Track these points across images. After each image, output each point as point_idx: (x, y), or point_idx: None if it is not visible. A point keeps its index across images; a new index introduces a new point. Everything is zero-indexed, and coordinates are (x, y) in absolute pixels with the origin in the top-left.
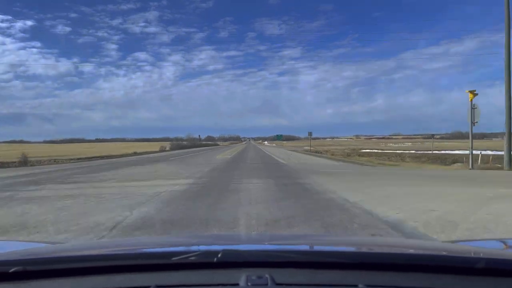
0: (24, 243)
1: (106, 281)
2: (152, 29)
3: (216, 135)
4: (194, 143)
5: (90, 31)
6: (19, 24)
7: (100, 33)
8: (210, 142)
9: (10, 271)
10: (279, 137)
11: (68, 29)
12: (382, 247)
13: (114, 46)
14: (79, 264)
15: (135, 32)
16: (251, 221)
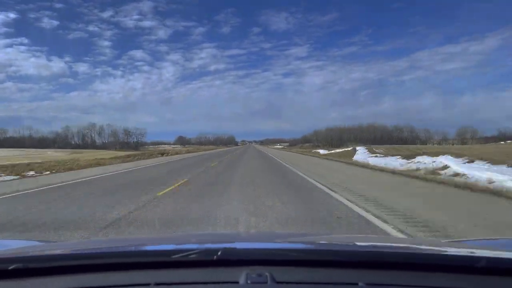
0: (23, 241)
1: (106, 278)
2: (147, 23)
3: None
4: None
5: (80, 25)
6: (0, 17)
7: (90, 27)
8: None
9: (10, 268)
10: None
11: (55, 22)
12: (381, 246)
13: (107, 43)
14: (78, 261)
15: (129, 27)
16: None
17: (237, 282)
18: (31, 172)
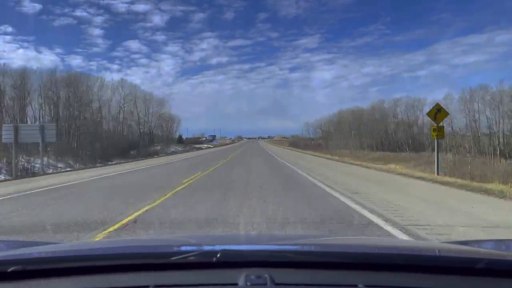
0: (23, 242)
1: (105, 280)
2: (140, 6)
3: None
4: None
5: (65, 9)
6: None
7: (78, 12)
8: None
9: (9, 270)
10: None
11: (37, 6)
12: (381, 248)
13: (99, 31)
14: (77, 263)
15: (121, 12)
16: None
17: (236, 284)
18: None
